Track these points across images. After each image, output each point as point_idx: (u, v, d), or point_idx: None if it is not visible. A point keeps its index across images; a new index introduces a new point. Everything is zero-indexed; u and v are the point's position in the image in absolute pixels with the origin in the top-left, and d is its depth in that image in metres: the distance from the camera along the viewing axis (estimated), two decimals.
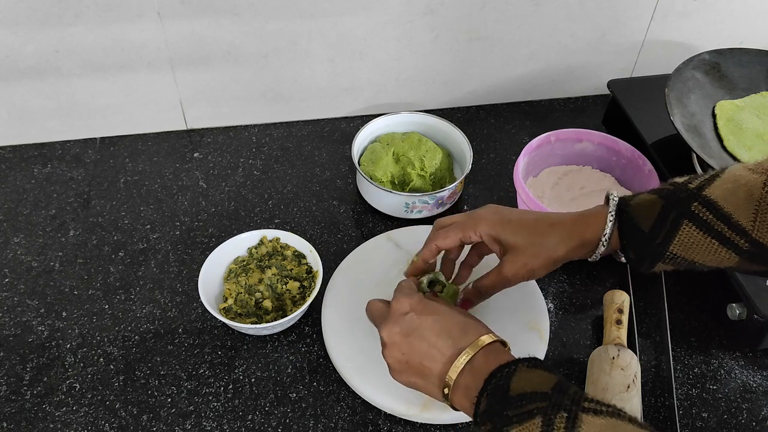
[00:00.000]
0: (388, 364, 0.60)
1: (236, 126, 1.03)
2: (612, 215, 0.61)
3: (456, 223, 0.67)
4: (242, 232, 0.81)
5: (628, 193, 0.88)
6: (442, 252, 0.70)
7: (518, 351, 0.71)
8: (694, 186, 0.57)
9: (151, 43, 0.89)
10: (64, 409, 0.70)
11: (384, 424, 0.70)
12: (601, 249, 0.62)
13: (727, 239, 0.56)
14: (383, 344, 0.60)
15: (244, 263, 0.80)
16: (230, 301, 0.76)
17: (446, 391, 0.56)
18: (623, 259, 0.63)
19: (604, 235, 0.61)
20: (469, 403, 0.54)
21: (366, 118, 0.98)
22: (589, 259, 0.64)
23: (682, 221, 0.56)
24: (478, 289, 0.68)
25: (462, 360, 0.55)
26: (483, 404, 0.52)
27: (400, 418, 0.71)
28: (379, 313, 0.63)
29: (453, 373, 0.55)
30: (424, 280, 0.68)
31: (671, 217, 0.57)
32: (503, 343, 0.58)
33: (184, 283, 0.82)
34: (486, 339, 0.56)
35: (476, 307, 0.78)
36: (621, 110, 0.97)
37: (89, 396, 0.71)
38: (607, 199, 0.63)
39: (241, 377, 0.74)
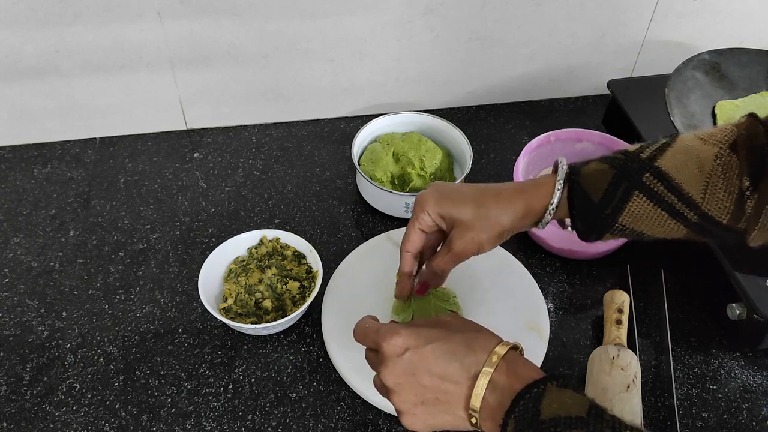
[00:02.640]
0: (401, 412, 0.53)
1: (236, 126, 1.03)
2: (561, 183, 0.58)
3: (412, 220, 0.64)
4: (242, 232, 0.81)
5: None
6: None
7: None
8: (646, 156, 0.56)
9: (151, 43, 0.89)
10: (64, 409, 0.70)
11: (384, 424, 0.70)
12: (548, 218, 0.60)
13: (677, 211, 0.54)
14: (390, 392, 0.53)
15: (244, 263, 0.80)
16: (230, 301, 0.76)
17: (474, 420, 0.51)
18: (569, 228, 0.61)
19: (551, 204, 0.59)
20: (495, 425, 0.49)
21: (366, 118, 0.98)
22: (535, 229, 0.62)
23: (633, 192, 0.55)
24: (432, 270, 0.65)
25: (481, 383, 0.50)
26: (511, 427, 0.48)
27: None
28: (371, 361, 0.57)
29: (476, 401, 0.50)
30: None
31: (622, 188, 0.55)
32: (515, 347, 0.53)
33: (184, 283, 0.82)
34: (500, 350, 0.51)
35: (475, 308, 0.79)
36: (621, 110, 0.97)
37: (89, 396, 0.71)
38: (556, 166, 0.61)
39: (241, 377, 0.74)
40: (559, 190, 0.58)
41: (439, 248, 0.66)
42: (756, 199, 0.52)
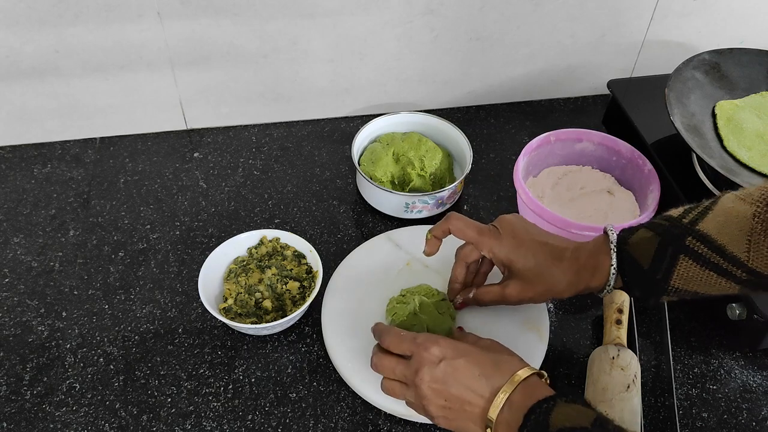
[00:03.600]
0: (430, 413, 0.60)
1: (236, 126, 1.03)
2: (614, 267, 0.62)
3: (476, 228, 0.69)
4: (242, 232, 0.81)
5: (628, 193, 0.88)
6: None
7: (518, 351, 0.71)
8: (687, 220, 0.59)
9: (151, 43, 0.89)
10: (64, 409, 0.70)
11: (384, 424, 0.70)
12: (605, 293, 0.65)
13: (725, 270, 0.57)
14: (422, 396, 0.59)
15: (244, 263, 0.80)
16: (230, 301, 0.76)
17: (489, 431, 0.56)
18: (605, 293, 0.66)
19: (608, 285, 0.63)
20: None
21: (366, 118, 0.98)
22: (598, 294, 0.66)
23: (678, 256, 0.58)
24: (477, 299, 0.72)
25: (500, 399, 0.55)
26: None
27: (400, 418, 0.71)
28: (400, 368, 0.62)
29: (493, 413, 0.55)
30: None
31: (668, 253, 0.59)
32: (540, 374, 0.59)
33: (184, 283, 0.82)
34: (522, 374, 0.57)
35: (475, 308, 0.78)
36: (621, 110, 0.97)
37: (89, 396, 0.71)
38: (606, 233, 0.64)
39: (241, 377, 0.74)
40: (613, 274, 0.62)
41: (488, 281, 0.73)
42: None
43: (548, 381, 0.59)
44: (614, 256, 0.62)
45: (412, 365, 0.60)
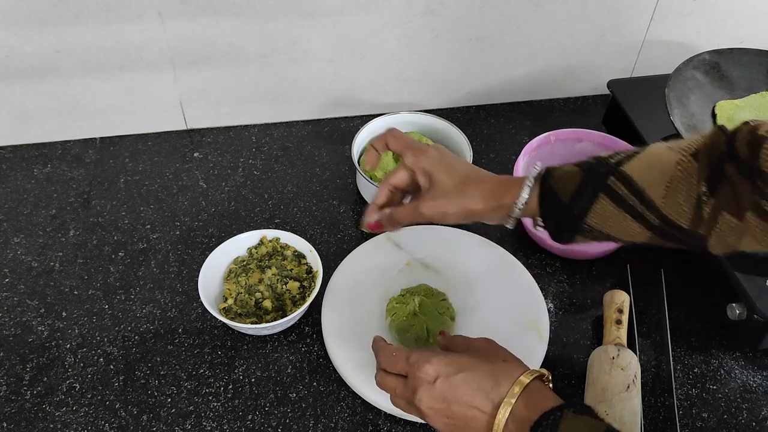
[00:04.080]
0: (438, 428, 0.59)
1: (236, 126, 1.03)
2: (530, 182, 0.61)
3: (407, 140, 0.68)
4: (242, 232, 0.81)
5: None
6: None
7: (518, 351, 0.71)
8: (614, 161, 0.59)
9: (151, 43, 0.89)
10: (64, 409, 0.70)
11: (384, 424, 0.70)
12: (516, 213, 0.62)
13: (639, 214, 0.57)
14: (424, 415, 0.58)
15: (244, 263, 0.80)
16: (230, 301, 0.76)
17: None
18: (540, 228, 0.64)
19: (519, 200, 0.62)
20: None
21: (366, 118, 0.98)
22: (507, 226, 0.64)
23: (598, 194, 0.58)
24: (391, 217, 0.68)
25: (503, 413, 0.54)
26: None
27: (400, 418, 0.71)
28: (401, 387, 0.60)
29: (498, 429, 0.54)
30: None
31: (589, 189, 0.58)
32: (540, 375, 0.57)
33: (184, 283, 0.82)
34: (523, 380, 0.55)
35: (475, 308, 0.79)
36: (621, 110, 0.97)
37: (89, 396, 0.71)
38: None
39: (241, 377, 0.74)
40: (528, 186, 0.61)
41: (406, 201, 0.69)
42: (712, 205, 0.54)
43: (551, 379, 0.58)
44: (531, 180, 0.61)
45: (409, 385, 0.59)
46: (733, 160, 0.53)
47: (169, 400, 0.72)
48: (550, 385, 0.58)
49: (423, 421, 0.69)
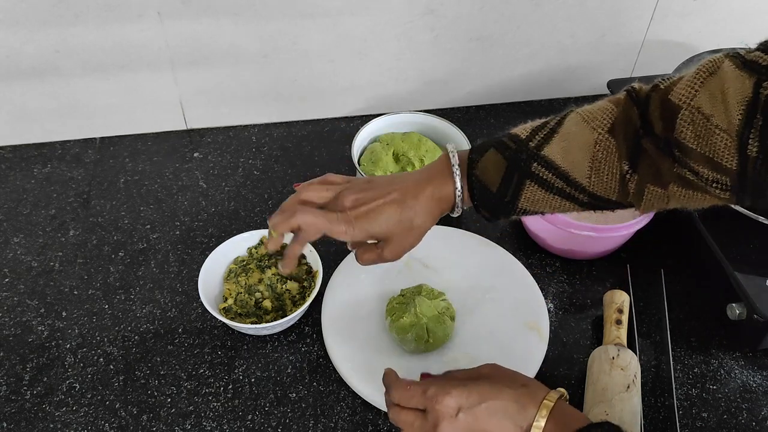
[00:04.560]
0: None
1: (236, 126, 1.03)
2: (459, 187, 0.61)
3: (323, 217, 0.60)
4: (242, 232, 0.81)
5: None
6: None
7: (518, 351, 0.72)
8: (534, 144, 0.59)
9: (151, 43, 0.89)
10: (64, 409, 0.70)
11: (384, 424, 0.70)
12: (458, 211, 0.63)
13: (568, 194, 0.58)
14: None
15: (244, 263, 0.80)
16: (230, 301, 0.76)
17: None
18: (457, 213, 0.64)
19: (457, 206, 0.62)
20: None
21: (366, 118, 0.98)
22: (452, 215, 0.64)
23: (525, 181, 0.59)
24: (357, 258, 0.65)
25: None
26: None
27: None
28: (419, 422, 0.57)
29: None
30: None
31: (515, 179, 0.59)
32: (561, 395, 0.56)
33: (184, 283, 0.82)
34: (548, 403, 0.54)
35: (475, 308, 0.79)
36: None
37: (89, 396, 0.71)
38: (448, 156, 0.62)
39: (241, 377, 0.74)
40: (459, 194, 0.61)
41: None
42: (636, 180, 0.56)
43: (567, 398, 0.57)
44: (458, 179, 0.61)
45: (430, 420, 0.56)
46: (650, 136, 0.54)
47: (169, 400, 0.72)
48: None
49: None
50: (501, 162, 0.60)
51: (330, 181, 0.65)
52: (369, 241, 0.63)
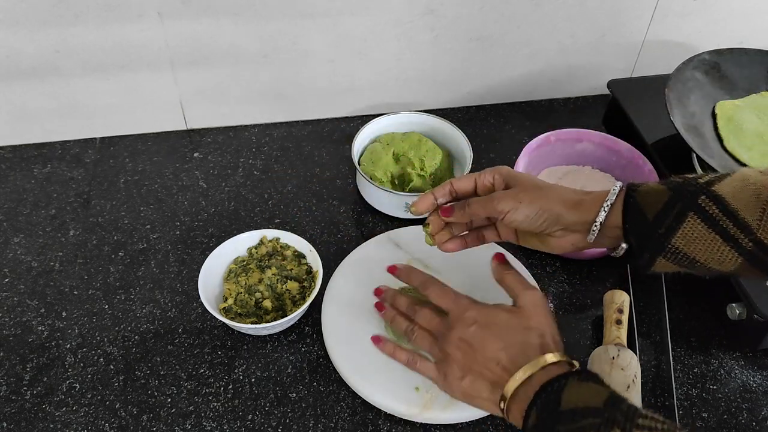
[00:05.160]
0: (450, 373, 0.60)
1: (236, 126, 1.03)
2: (612, 196, 0.59)
3: (471, 174, 0.66)
4: (242, 232, 0.81)
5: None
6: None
7: None
8: (703, 181, 0.56)
9: (151, 43, 0.89)
10: (64, 409, 0.70)
11: (384, 424, 0.70)
12: (596, 229, 0.60)
13: (731, 236, 0.54)
14: (447, 353, 0.61)
15: (244, 263, 0.80)
16: (230, 301, 0.76)
17: (502, 405, 0.56)
18: (620, 252, 0.62)
19: (600, 215, 0.59)
20: (519, 416, 0.54)
21: (366, 118, 0.98)
22: (587, 240, 0.62)
23: (687, 213, 0.55)
24: (464, 206, 0.65)
25: (519, 376, 0.55)
26: (533, 417, 0.52)
27: (400, 418, 0.71)
28: (437, 321, 0.65)
29: (510, 387, 0.55)
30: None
31: (677, 208, 0.55)
32: (570, 363, 0.57)
33: (184, 283, 0.82)
34: (549, 359, 0.56)
35: None
36: (621, 110, 0.97)
37: (89, 396, 0.71)
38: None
39: (241, 377, 0.74)
40: (608, 202, 0.59)
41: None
42: None
43: (575, 369, 0.56)
44: (612, 197, 0.59)
45: (448, 320, 0.62)
46: None
47: (169, 400, 0.72)
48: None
49: (423, 421, 0.70)
50: (664, 191, 0.57)
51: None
52: None
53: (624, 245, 0.61)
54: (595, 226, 0.60)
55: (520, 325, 0.60)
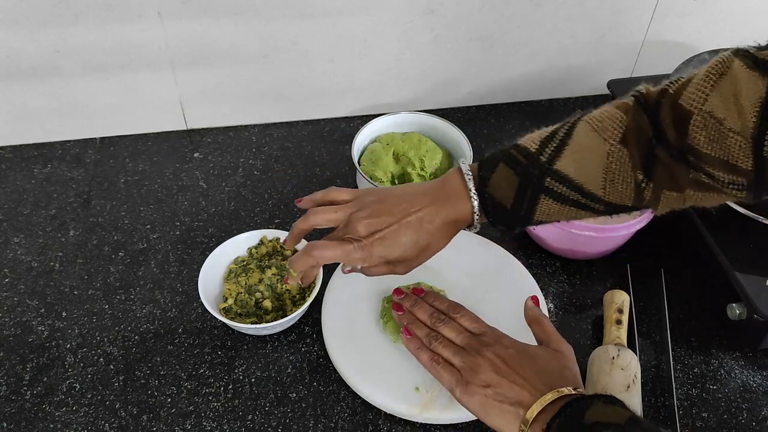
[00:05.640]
0: (468, 383, 0.60)
1: (236, 126, 1.03)
2: (476, 208, 0.62)
3: (339, 247, 0.62)
4: (242, 232, 0.81)
5: None
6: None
7: None
8: (545, 158, 0.59)
9: (151, 43, 0.89)
10: (64, 409, 0.70)
11: (384, 424, 0.70)
12: (474, 230, 0.65)
13: (584, 204, 0.59)
14: (477, 364, 0.60)
15: (244, 263, 0.80)
16: (230, 301, 0.76)
17: (523, 427, 0.55)
18: (476, 229, 0.65)
19: (474, 226, 0.64)
20: (540, 428, 0.54)
21: (366, 118, 0.98)
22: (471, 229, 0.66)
23: (539, 196, 0.59)
24: (364, 271, 0.66)
25: (549, 397, 0.55)
26: (553, 430, 0.52)
27: (400, 418, 0.71)
28: (469, 337, 0.64)
29: (537, 408, 0.55)
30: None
31: (528, 194, 0.59)
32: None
33: (184, 283, 0.82)
34: (580, 392, 0.56)
35: (475, 308, 0.78)
36: None
37: (89, 396, 0.71)
38: (461, 173, 0.63)
39: (241, 377, 0.74)
40: (477, 216, 0.62)
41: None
42: (652, 188, 0.56)
43: (579, 393, 0.57)
44: (475, 201, 0.62)
45: (482, 339, 0.63)
46: (663, 144, 0.54)
47: (169, 400, 0.72)
48: None
49: (423, 421, 0.70)
50: (513, 178, 0.60)
51: (336, 200, 0.65)
52: None
53: (478, 225, 0.64)
54: (475, 221, 0.63)
55: (558, 362, 0.60)
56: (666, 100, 0.54)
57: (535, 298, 0.69)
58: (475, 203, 0.62)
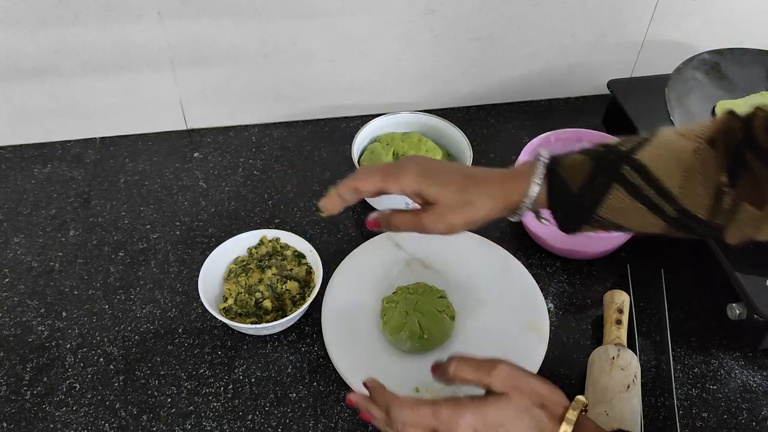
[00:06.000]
0: None
1: (236, 126, 1.03)
2: (539, 178, 0.58)
3: (379, 171, 0.60)
4: (242, 232, 0.81)
5: None
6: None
7: (518, 351, 0.72)
8: (626, 148, 0.55)
9: (151, 43, 0.89)
10: (64, 409, 0.70)
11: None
12: (523, 209, 0.59)
13: (655, 205, 0.54)
14: None
15: (244, 263, 0.80)
16: (230, 301, 0.76)
17: None
18: (545, 222, 0.60)
19: (528, 197, 0.58)
20: None
21: (366, 118, 0.98)
22: (510, 219, 0.61)
23: (612, 184, 0.55)
24: (389, 222, 0.62)
25: None
26: None
27: None
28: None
29: None
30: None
31: (601, 179, 0.55)
32: (584, 406, 0.51)
33: (184, 283, 0.82)
34: (571, 417, 0.50)
35: (475, 308, 0.79)
36: (621, 110, 0.97)
37: (89, 396, 0.71)
38: (538, 156, 0.59)
39: (241, 377, 0.74)
40: (536, 184, 0.58)
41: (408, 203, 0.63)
42: (733, 195, 0.52)
43: (586, 408, 0.52)
44: (540, 175, 0.57)
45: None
46: (753, 149, 0.51)
47: (169, 400, 0.72)
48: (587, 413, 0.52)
49: None
50: (587, 162, 0.56)
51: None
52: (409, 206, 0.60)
53: (520, 214, 0.59)
54: (519, 215, 0.59)
55: (517, 410, 0.51)
56: (761, 113, 0.52)
57: (434, 368, 0.56)
58: (537, 177, 0.57)
